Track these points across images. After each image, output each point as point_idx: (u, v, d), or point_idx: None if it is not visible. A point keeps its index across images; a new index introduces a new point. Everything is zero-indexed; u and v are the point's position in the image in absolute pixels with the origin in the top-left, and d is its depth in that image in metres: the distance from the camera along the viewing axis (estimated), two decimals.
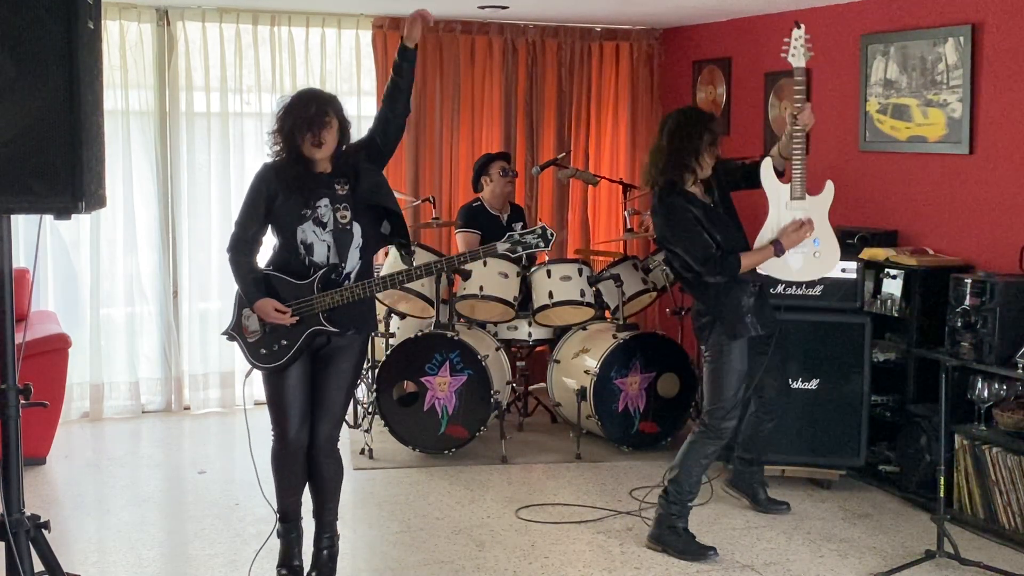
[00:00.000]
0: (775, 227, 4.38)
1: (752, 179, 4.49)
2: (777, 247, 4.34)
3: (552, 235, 3.96)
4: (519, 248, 3.98)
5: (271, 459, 4.06)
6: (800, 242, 4.35)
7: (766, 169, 4.42)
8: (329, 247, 3.91)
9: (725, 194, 4.56)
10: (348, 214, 3.94)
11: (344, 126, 3.94)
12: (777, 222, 4.38)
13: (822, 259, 4.42)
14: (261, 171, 3.99)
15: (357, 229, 3.95)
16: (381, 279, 3.97)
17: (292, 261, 3.92)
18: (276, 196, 3.92)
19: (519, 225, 6.50)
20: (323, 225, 3.91)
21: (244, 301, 3.97)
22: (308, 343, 3.91)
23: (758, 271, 4.42)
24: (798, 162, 4.34)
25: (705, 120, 4.46)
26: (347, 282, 3.94)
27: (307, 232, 3.90)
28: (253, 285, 3.92)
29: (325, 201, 3.91)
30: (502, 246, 3.97)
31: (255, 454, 4.08)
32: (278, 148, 3.94)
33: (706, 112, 4.63)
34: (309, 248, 3.90)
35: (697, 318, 4.53)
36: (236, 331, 4.01)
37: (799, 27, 4.37)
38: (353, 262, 3.96)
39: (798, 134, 4.33)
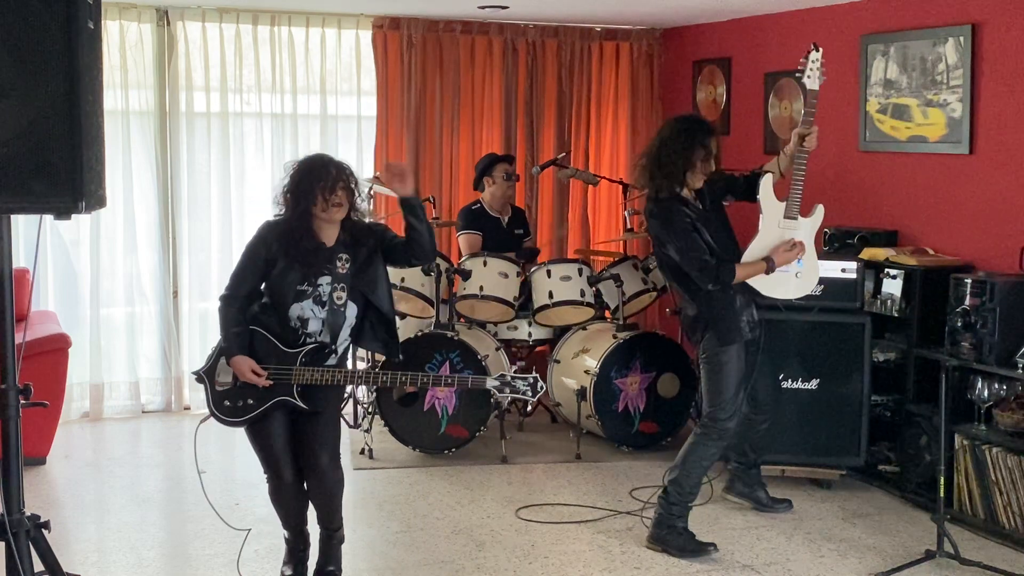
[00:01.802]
0: (766, 242, 4.40)
1: (752, 192, 4.50)
2: (769, 263, 4.37)
3: (542, 388, 3.93)
4: (507, 390, 3.93)
5: (270, 496, 4.04)
6: (791, 262, 4.41)
7: (766, 185, 4.43)
8: (324, 323, 3.88)
9: (717, 203, 4.57)
10: (344, 295, 3.91)
11: (353, 197, 3.89)
12: (768, 238, 4.41)
13: (802, 280, 4.49)
14: (263, 230, 3.92)
15: (352, 310, 3.94)
16: (364, 373, 3.98)
17: (282, 330, 3.87)
18: (275, 261, 3.85)
19: (520, 230, 6.50)
20: (322, 304, 3.87)
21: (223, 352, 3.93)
22: (273, 410, 3.87)
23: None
24: (798, 183, 4.38)
25: (703, 133, 4.41)
26: (333, 357, 3.92)
27: (304, 309, 3.86)
28: (235, 340, 3.86)
29: (327, 279, 3.87)
30: (491, 383, 3.93)
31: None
32: (284, 209, 3.86)
33: (706, 123, 4.55)
34: (304, 323, 3.87)
35: (689, 321, 4.53)
36: (208, 375, 3.96)
37: (817, 50, 4.36)
38: (343, 342, 3.96)
39: (802, 156, 4.37)
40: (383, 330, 4.04)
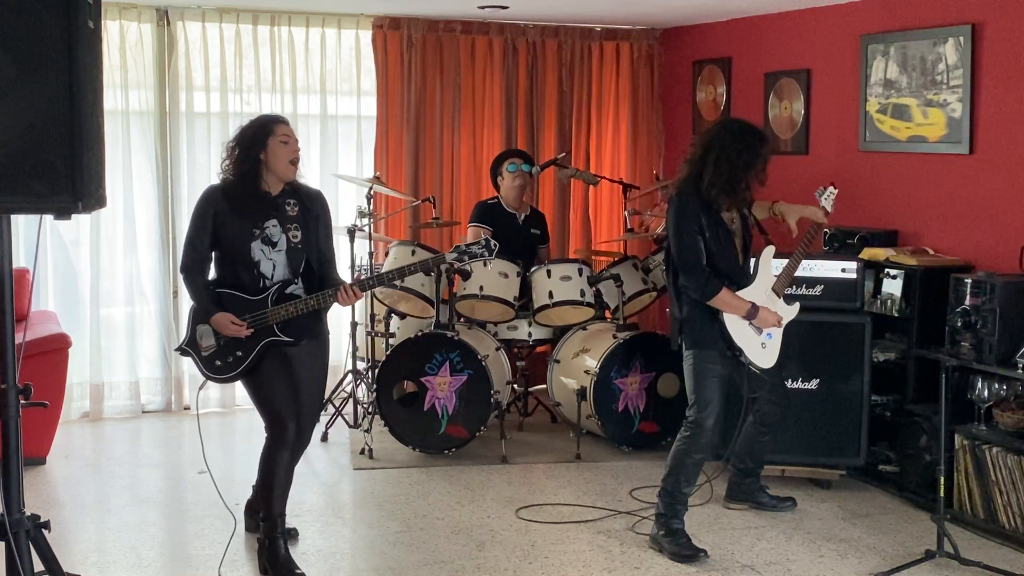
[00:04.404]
0: (754, 297, 4.47)
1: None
2: (753, 309, 4.43)
3: (495, 246, 4.27)
4: (465, 257, 4.27)
5: (274, 463, 4.14)
6: (768, 325, 4.50)
7: (767, 255, 4.55)
8: (275, 265, 4.09)
9: (749, 227, 4.57)
10: (300, 234, 4.13)
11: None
12: (756, 294, 4.49)
13: (763, 352, 4.55)
14: (207, 192, 4.18)
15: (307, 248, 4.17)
16: (333, 292, 4.10)
17: (243, 277, 4.08)
18: (225, 216, 4.08)
19: (537, 230, 6.51)
20: (272, 244, 4.09)
21: (199, 317, 4.13)
22: (263, 354, 4.08)
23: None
24: (789, 273, 4.60)
25: (761, 142, 4.42)
26: (299, 291, 4.13)
27: (255, 250, 4.07)
28: (210, 300, 4.09)
29: (273, 221, 4.09)
30: (449, 256, 4.29)
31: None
32: (228, 164, 4.12)
33: (759, 130, 4.53)
34: (256, 264, 4.08)
35: (673, 322, 4.59)
36: (190, 347, 4.18)
37: (835, 188, 4.74)
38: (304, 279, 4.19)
39: (801, 254, 4.62)
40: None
